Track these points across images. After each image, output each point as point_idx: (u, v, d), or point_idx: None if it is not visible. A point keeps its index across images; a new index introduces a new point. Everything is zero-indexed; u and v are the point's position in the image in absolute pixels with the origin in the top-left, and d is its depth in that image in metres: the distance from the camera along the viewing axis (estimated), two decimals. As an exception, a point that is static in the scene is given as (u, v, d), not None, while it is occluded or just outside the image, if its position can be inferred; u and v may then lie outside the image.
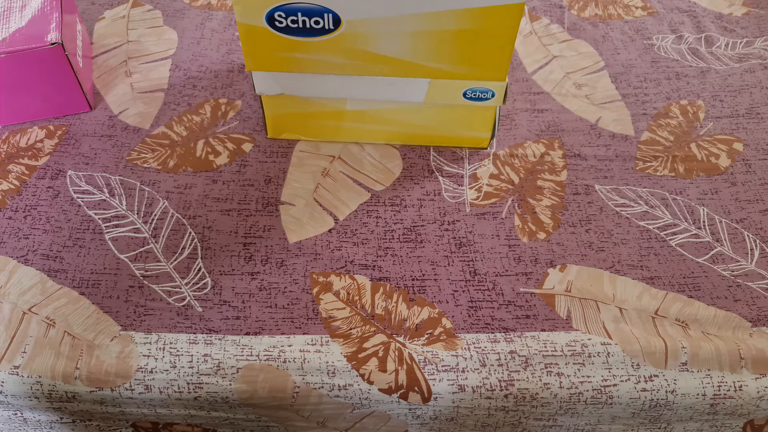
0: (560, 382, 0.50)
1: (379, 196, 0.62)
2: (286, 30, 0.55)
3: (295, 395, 0.49)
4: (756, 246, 0.58)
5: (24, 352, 0.50)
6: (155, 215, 0.60)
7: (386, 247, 0.58)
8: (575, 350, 0.51)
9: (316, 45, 0.56)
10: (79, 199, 0.61)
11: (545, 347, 0.51)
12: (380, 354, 0.51)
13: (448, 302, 0.54)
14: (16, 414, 0.52)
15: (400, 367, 0.50)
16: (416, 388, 0.49)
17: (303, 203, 0.61)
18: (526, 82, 0.74)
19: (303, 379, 0.49)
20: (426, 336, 0.52)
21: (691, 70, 0.76)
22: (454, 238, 0.59)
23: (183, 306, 0.54)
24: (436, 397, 0.50)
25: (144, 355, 0.50)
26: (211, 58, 0.76)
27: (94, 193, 0.61)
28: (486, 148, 0.67)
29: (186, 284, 0.55)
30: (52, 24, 0.64)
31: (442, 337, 0.52)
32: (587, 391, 0.50)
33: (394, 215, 0.61)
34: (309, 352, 0.51)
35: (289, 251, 0.57)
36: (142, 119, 0.69)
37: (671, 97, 0.73)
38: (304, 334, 0.52)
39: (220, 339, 0.51)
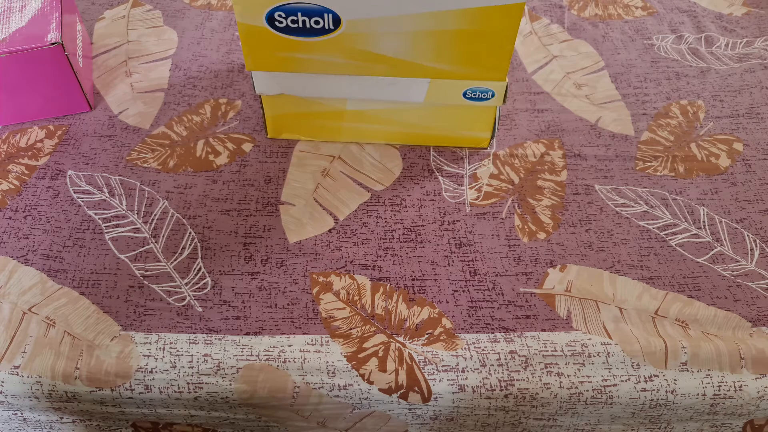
0: (560, 382, 0.50)
1: (379, 196, 0.62)
2: (286, 30, 0.55)
3: (295, 395, 0.49)
4: (756, 246, 0.58)
5: (24, 352, 0.50)
6: (155, 215, 0.60)
7: (386, 247, 0.58)
8: (575, 350, 0.51)
9: (316, 45, 0.56)
10: (79, 199, 0.61)
11: (545, 347, 0.51)
12: (380, 354, 0.51)
13: (448, 302, 0.54)
14: (16, 414, 0.52)
15: (400, 367, 0.50)
16: (416, 388, 0.49)
17: (303, 203, 0.61)
18: (526, 82, 0.74)
19: (303, 379, 0.49)
20: (426, 336, 0.52)
21: (691, 70, 0.76)
22: (454, 238, 0.59)
23: (183, 306, 0.54)
24: (436, 397, 0.50)
25: (144, 355, 0.50)
26: (211, 58, 0.76)
27: (94, 193, 0.61)
28: (486, 148, 0.67)
29: (186, 284, 0.55)
30: (52, 24, 0.64)
31: (442, 337, 0.52)
32: (587, 391, 0.50)
33: (394, 215, 0.61)
34: (309, 352, 0.51)
35: (289, 251, 0.57)
36: (142, 119, 0.69)
37: (671, 97, 0.73)
38: (304, 334, 0.52)
39: (220, 339, 0.51)
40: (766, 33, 0.81)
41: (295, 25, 0.55)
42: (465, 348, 0.51)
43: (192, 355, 0.50)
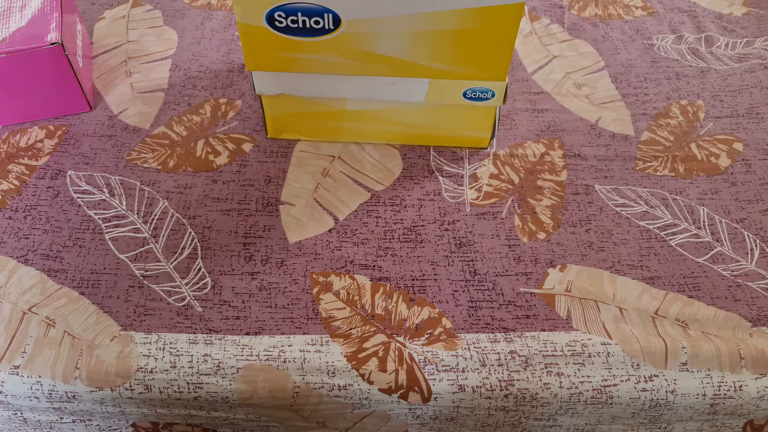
0: (560, 382, 0.50)
1: (379, 196, 0.62)
2: (286, 30, 0.55)
3: (295, 395, 0.49)
4: (756, 246, 0.58)
5: (24, 352, 0.50)
6: (155, 215, 0.60)
7: (386, 247, 0.58)
8: (575, 350, 0.51)
9: (316, 45, 0.56)
10: (79, 199, 0.61)
11: (545, 347, 0.51)
12: (380, 354, 0.51)
13: (448, 302, 0.54)
14: (16, 414, 0.52)
15: (400, 367, 0.50)
16: (416, 388, 0.49)
17: (303, 203, 0.61)
18: (526, 82, 0.74)
19: (303, 379, 0.49)
20: (426, 336, 0.52)
21: (691, 70, 0.76)
22: (454, 238, 0.59)
23: (183, 306, 0.54)
24: (436, 397, 0.50)
25: (144, 355, 0.50)
26: (211, 58, 0.76)
27: (94, 193, 0.61)
28: (486, 148, 0.67)
29: (186, 284, 0.55)
30: (52, 24, 0.64)
31: (442, 337, 0.52)
32: (587, 391, 0.50)
33: (394, 215, 0.61)
34: (309, 352, 0.51)
35: (289, 251, 0.57)
36: (142, 119, 0.69)
37: (671, 97, 0.73)
38: (304, 334, 0.52)
39: (220, 339, 0.51)
40: (766, 33, 0.81)
41: (295, 25, 0.55)
42: (465, 348, 0.51)
43: (192, 355, 0.50)
